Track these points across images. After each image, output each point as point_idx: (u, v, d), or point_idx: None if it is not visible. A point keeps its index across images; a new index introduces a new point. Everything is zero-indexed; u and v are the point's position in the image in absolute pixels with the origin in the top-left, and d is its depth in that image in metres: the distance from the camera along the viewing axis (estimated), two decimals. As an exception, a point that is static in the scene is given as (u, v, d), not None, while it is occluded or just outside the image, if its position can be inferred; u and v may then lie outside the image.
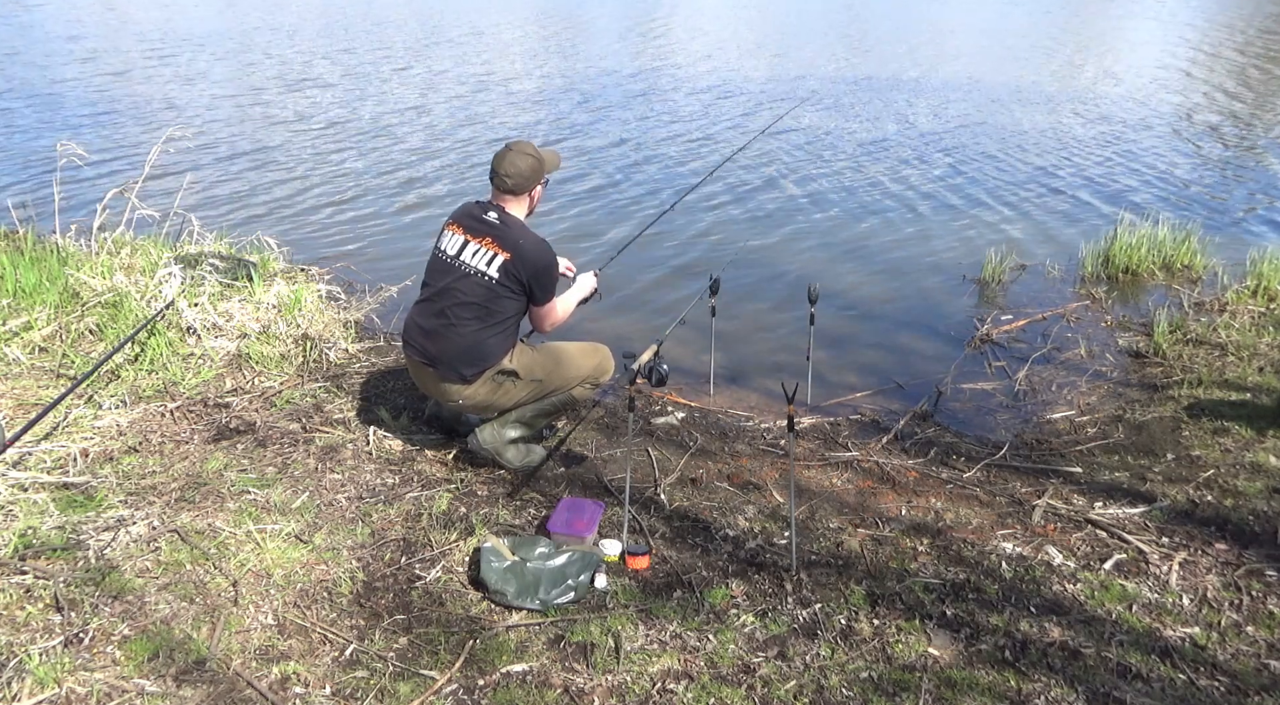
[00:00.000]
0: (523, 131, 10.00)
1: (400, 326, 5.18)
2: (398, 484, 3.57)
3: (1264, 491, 3.60)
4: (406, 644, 2.74)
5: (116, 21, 18.09)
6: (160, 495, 3.38)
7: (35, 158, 8.68)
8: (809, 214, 7.44)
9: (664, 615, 2.87)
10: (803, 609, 2.91)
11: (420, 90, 12.19)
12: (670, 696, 2.55)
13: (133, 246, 5.27)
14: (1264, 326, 5.12)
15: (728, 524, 3.40)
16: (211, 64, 13.84)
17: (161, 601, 2.83)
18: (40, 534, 3.09)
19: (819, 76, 13.52)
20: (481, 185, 8.01)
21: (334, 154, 9.03)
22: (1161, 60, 15.43)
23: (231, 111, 10.77)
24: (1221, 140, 10.06)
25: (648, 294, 5.88)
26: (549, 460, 3.81)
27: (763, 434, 4.19)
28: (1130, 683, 2.61)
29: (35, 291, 4.68)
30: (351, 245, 6.63)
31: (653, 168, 8.75)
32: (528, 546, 3.07)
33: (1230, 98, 12.39)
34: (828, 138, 9.98)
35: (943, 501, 3.60)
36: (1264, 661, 2.70)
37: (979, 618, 2.88)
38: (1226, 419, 4.15)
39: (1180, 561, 3.17)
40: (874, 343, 5.34)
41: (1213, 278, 5.96)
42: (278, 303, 4.81)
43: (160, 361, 4.34)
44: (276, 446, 3.77)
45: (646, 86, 12.72)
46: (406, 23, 18.91)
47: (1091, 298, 5.75)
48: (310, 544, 3.16)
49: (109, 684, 2.51)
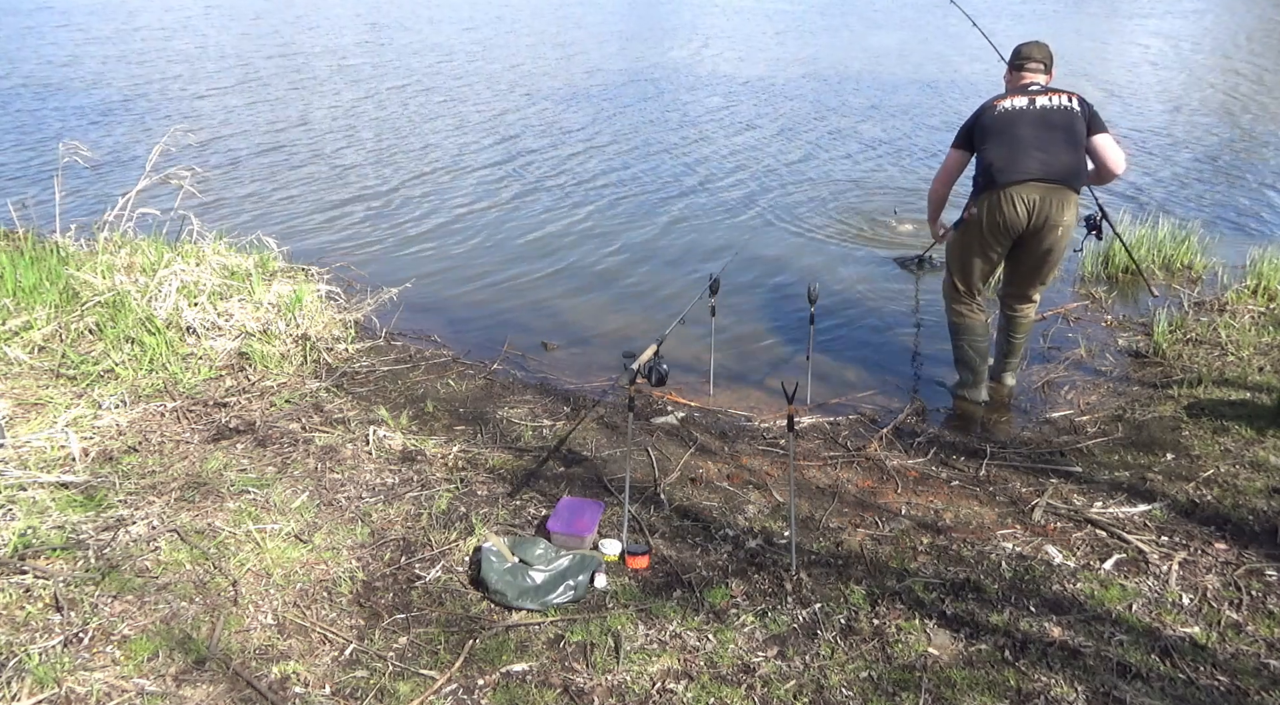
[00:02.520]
0: (523, 132, 9.99)
1: (398, 326, 5.20)
2: (398, 484, 3.57)
3: (1264, 490, 3.60)
4: (406, 644, 2.74)
5: (118, 20, 18.09)
6: (160, 495, 3.38)
7: (36, 157, 8.68)
8: (810, 214, 7.43)
9: (664, 615, 2.87)
10: (803, 609, 2.91)
11: (421, 90, 12.19)
12: (670, 696, 2.55)
13: (133, 246, 5.27)
14: (1264, 326, 5.12)
15: (728, 523, 3.40)
16: (212, 63, 13.84)
17: (161, 601, 2.84)
18: (40, 534, 3.09)
19: (835, 77, 13.54)
20: (482, 186, 8.03)
21: (334, 154, 9.02)
22: (1161, 59, 15.44)
23: (231, 111, 10.77)
24: (1221, 139, 10.06)
25: (648, 293, 5.88)
26: (549, 460, 3.81)
27: (763, 433, 4.19)
28: (1130, 682, 2.61)
29: (35, 291, 4.68)
30: (351, 245, 6.63)
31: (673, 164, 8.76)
32: (528, 547, 3.07)
33: (1230, 97, 12.39)
34: (830, 137, 9.98)
35: (943, 501, 3.60)
36: (1264, 661, 2.70)
37: (979, 617, 2.88)
38: (1226, 418, 4.15)
39: (1180, 561, 3.17)
40: (874, 342, 5.34)
41: (1213, 278, 5.96)
42: (277, 302, 4.81)
43: (160, 361, 4.34)
44: (276, 446, 3.77)
45: (656, 85, 12.73)
46: (407, 23, 18.92)
47: (1091, 297, 5.75)
48: (310, 544, 3.16)
49: (109, 684, 2.51)
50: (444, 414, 4.19)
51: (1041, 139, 3.95)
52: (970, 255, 4.22)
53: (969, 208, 4.13)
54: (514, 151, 9.19)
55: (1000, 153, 3.97)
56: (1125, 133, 10.16)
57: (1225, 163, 9.15)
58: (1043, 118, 3.98)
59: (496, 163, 8.77)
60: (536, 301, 5.74)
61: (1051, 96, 4.02)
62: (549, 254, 6.52)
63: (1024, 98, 4.03)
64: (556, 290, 5.92)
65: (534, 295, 5.83)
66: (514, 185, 8.08)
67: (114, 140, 9.35)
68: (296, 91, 11.98)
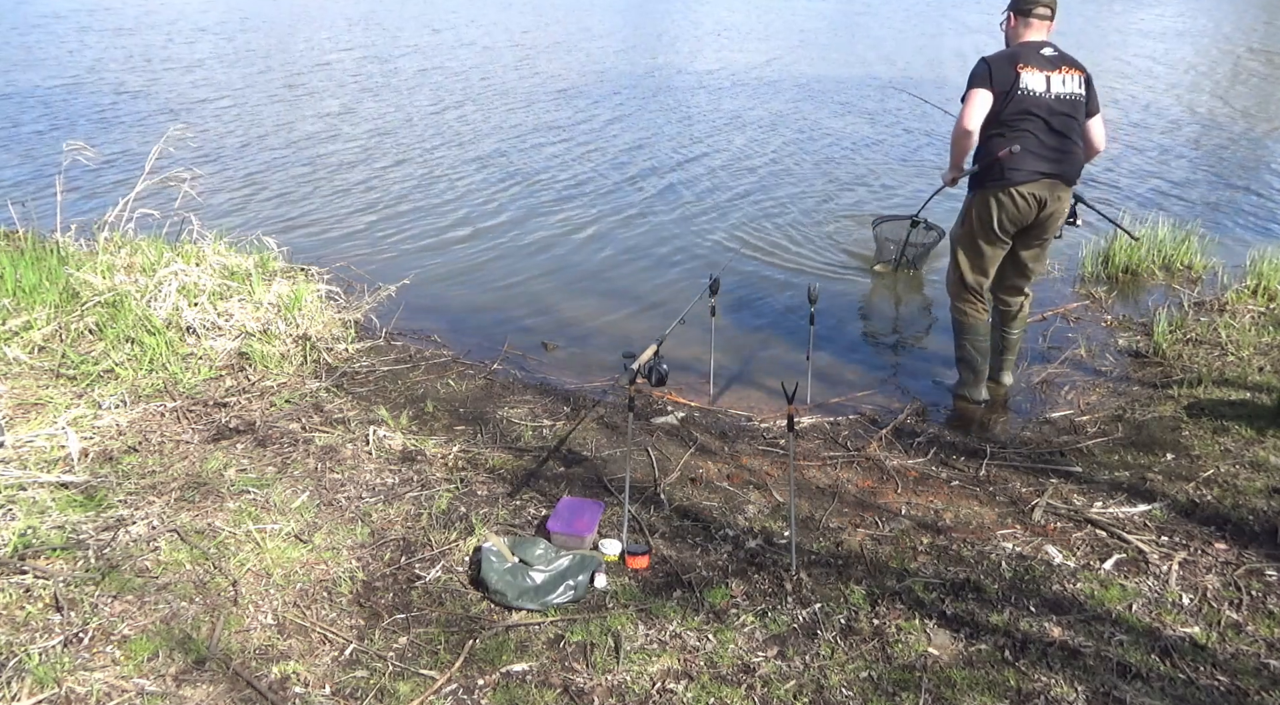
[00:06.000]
0: (524, 132, 10.00)
1: (398, 326, 5.20)
2: (398, 484, 3.57)
3: (1264, 490, 3.60)
4: (406, 643, 2.74)
5: (118, 21, 18.09)
6: (160, 495, 3.38)
7: (36, 156, 8.68)
8: (811, 213, 7.43)
9: (664, 615, 2.87)
10: (803, 608, 2.91)
11: (421, 91, 12.19)
12: (670, 696, 2.55)
13: (132, 246, 5.27)
14: (1264, 326, 5.12)
15: (728, 523, 3.40)
16: (213, 64, 13.84)
17: (161, 601, 2.84)
18: (40, 534, 3.09)
19: (833, 78, 13.54)
20: (482, 186, 8.03)
21: (333, 155, 9.02)
22: (1161, 58, 15.44)
23: (231, 112, 10.77)
24: (1222, 139, 10.06)
25: (648, 293, 5.88)
26: (549, 460, 3.81)
27: (763, 433, 4.19)
28: (1130, 682, 2.61)
29: (35, 291, 4.68)
30: (351, 245, 6.62)
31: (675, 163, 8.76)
32: (528, 547, 3.07)
33: (1230, 96, 12.39)
34: (831, 138, 9.98)
35: (943, 501, 3.60)
36: (1264, 661, 2.70)
37: (979, 617, 2.88)
38: (1226, 418, 4.15)
39: (1180, 561, 3.17)
40: (874, 342, 5.34)
41: (1213, 278, 5.96)
42: (277, 302, 4.81)
43: (160, 361, 4.34)
44: (276, 446, 3.77)
45: (661, 85, 12.73)
46: (406, 23, 18.92)
47: (1091, 297, 5.75)
48: (310, 544, 3.16)
49: (109, 684, 2.51)
50: (444, 414, 4.19)
51: (1055, 137, 3.99)
52: (984, 248, 4.22)
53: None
54: (514, 152, 9.19)
55: (1017, 149, 3.96)
56: (1126, 133, 10.17)
57: (1226, 163, 9.15)
58: (1056, 111, 3.98)
59: (496, 163, 8.77)
60: (536, 301, 5.74)
61: (1064, 75, 3.99)
62: (549, 254, 6.52)
63: (1041, 76, 3.96)
64: (557, 290, 5.92)
65: (534, 295, 5.83)
66: (514, 185, 8.08)
67: (114, 140, 9.35)
68: (295, 92, 11.98)
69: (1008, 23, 4.18)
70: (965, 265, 4.31)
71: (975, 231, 4.20)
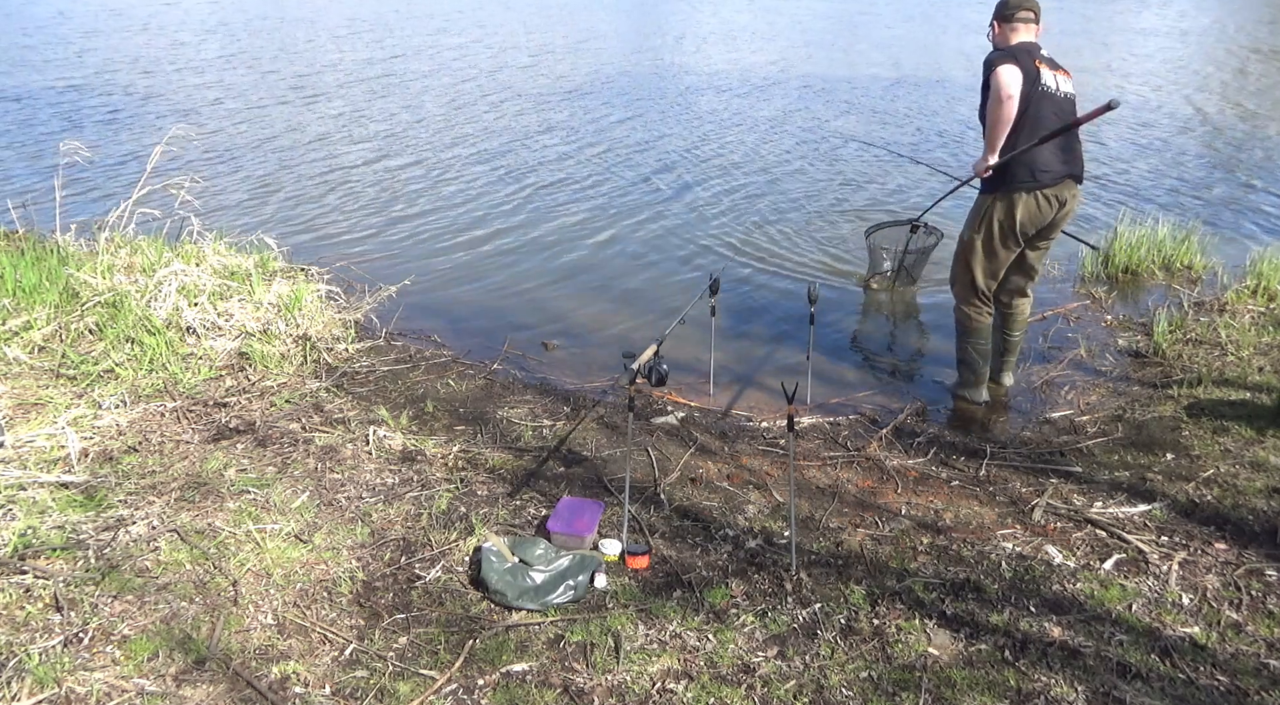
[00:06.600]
0: (524, 133, 10.00)
1: (398, 326, 5.20)
2: (398, 484, 3.57)
3: (1264, 490, 3.60)
4: (406, 643, 2.74)
5: (119, 22, 18.09)
6: (160, 495, 3.38)
7: (36, 157, 8.68)
8: (811, 213, 7.43)
9: (664, 615, 2.87)
10: (803, 609, 2.91)
11: (420, 91, 12.19)
12: (670, 696, 2.55)
13: (133, 246, 5.28)
14: (1264, 326, 5.12)
15: (728, 523, 3.40)
16: (214, 63, 13.84)
17: (161, 601, 2.84)
18: (40, 534, 3.09)
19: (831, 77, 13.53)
20: (482, 187, 8.03)
21: (333, 155, 9.03)
22: (1161, 58, 15.43)
23: (232, 112, 10.77)
24: (1222, 139, 10.05)
25: (648, 293, 5.88)
26: (549, 460, 3.81)
27: (763, 433, 4.19)
28: (1130, 682, 2.61)
29: (35, 291, 4.68)
30: (351, 245, 6.63)
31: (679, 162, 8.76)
32: (528, 547, 3.07)
33: (1230, 96, 12.38)
34: (832, 139, 9.98)
35: (943, 501, 3.60)
36: (1264, 661, 2.70)
37: (979, 617, 2.88)
38: (1226, 418, 4.15)
39: (1180, 561, 3.17)
40: (874, 342, 5.34)
41: (1213, 278, 5.96)
42: (277, 302, 4.81)
43: (160, 361, 4.34)
44: (276, 446, 3.77)
45: (665, 85, 12.73)
46: (404, 25, 18.92)
47: (1091, 297, 5.75)
48: (310, 544, 3.16)
49: (109, 684, 2.51)
50: (444, 414, 4.19)
51: (1067, 137, 4.01)
52: (1001, 252, 4.18)
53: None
54: (514, 152, 9.19)
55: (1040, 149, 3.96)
56: (1125, 132, 10.17)
57: (1226, 163, 9.15)
58: (1066, 110, 3.99)
59: (496, 163, 8.77)
60: (536, 301, 5.74)
61: (1059, 78, 4.04)
62: (549, 254, 6.52)
63: (1051, 74, 3.98)
64: (556, 290, 5.92)
65: (534, 295, 5.83)
66: (514, 185, 8.08)
67: (115, 140, 9.35)
68: (296, 92, 11.98)
69: (993, 31, 4.15)
70: (979, 270, 4.24)
71: (995, 235, 4.13)
